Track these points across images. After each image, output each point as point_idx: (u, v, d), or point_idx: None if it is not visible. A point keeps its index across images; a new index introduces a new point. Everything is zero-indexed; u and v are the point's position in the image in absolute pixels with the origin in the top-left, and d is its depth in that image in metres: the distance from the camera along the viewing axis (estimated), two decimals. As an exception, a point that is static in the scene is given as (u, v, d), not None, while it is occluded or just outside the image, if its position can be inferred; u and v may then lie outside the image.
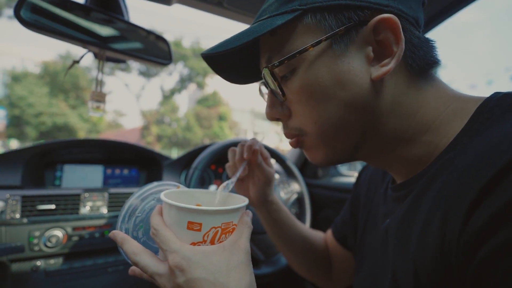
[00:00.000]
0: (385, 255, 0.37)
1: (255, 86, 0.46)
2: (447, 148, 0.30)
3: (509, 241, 0.20)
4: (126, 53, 0.73)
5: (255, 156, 0.49)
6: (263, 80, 0.36)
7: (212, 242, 0.31)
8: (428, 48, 0.32)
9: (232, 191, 0.43)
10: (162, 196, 0.32)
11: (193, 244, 0.31)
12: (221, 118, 16.72)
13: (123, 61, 0.83)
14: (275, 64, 0.32)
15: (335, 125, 0.32)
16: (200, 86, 17.23)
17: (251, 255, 0.33)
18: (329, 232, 0.62)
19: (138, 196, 0.38)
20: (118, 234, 0.34)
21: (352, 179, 1.32)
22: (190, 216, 0.30)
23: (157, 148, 15.73)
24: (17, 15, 0.55)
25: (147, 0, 0.72)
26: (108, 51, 0.71)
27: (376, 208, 0.45)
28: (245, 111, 21.09)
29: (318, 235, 0.63)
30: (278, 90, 0.34)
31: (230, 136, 17.41)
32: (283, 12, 0.31)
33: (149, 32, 0.76)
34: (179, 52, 15.32)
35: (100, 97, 0.72)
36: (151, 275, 0.31)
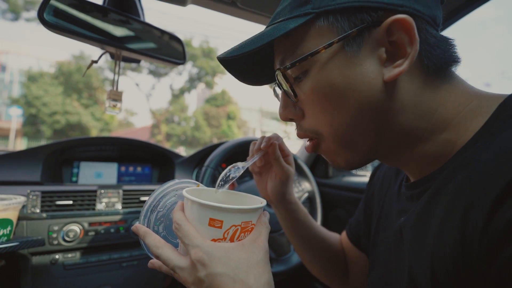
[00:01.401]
0: (399, 254, 0.36)
1: (264, 85, 0.46)
2: (466, 145, 0.29)
3: None
4: (141, 53, 0.74)
5: (272, 149, 0.50)
6: (277, 83, 0.37)
7: (231, 240, 0.32)
8: (446, 47, 0.32)
9: (239, 187, 0.43)
10: (184, 192, 0.34)
11: (214, 240, 0.32)
12: (230, 117, 16.79)
13: (139, 61, 0.85)
14: (288, 66, 0.33)
15: (349, 127, 0.32)
16: (209, 85, 17.34)
17: None
18: (344, 234, 0.62)
19: (160, 193, 0.39)
20: (140, 227, 0.36)
21: (364, 179, 1.30)
22: (212, 213, 0.31)
23: (167, 146, 15.89)
24: (41, 18, 0.57)
25: (162, 1, 0.73)
26: (124, 51, 0.73)
27: (389, 207, 0.45)
28: (254, 110, 21.11)
29: (334, 237, 0.63)
30: (291, 91, 0.34)
31: (238, 135, 17.46)
32: (296, 15, 0.32)
33: (163, 32, 0.78)
34: (189, 52, 15.43)
35: (117, 96, 0.74)
36: (172, 268, 0.32)
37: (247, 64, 0.40)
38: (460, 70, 0.34)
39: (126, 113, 17.05)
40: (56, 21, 0.60)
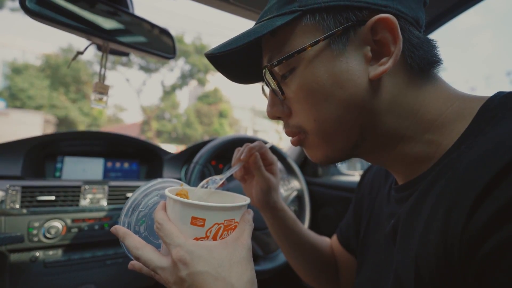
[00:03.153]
0: (389, 257, 0.37)
1: (257, 84, 0.46)
2: (452, 147, 0.30)
3: None
4: (130, 45, 0.72)
5: (253, 159, 0.50)
6: (265, 81, 0.37)
7: (214, 238, 0.32)
8: (428, 48, 0.33)
9: (228, 185, 0.43)
10: (167, 192, 0.33)
11: (196, 239, 0.31)
12: (222, 115, 16.70)
13: (127, 54, 0.83)
14: (274, 64, 0.33)
15: (334, 123, 0.32)
16: (201, 82, 17.19)
17: None
18: (335, 237, 0.62)
19: (142, 192, 0.39)
20: (120, 228, 0.35)
21: (352, 178, 1.32)
22: (194, 212, 0.31)
23: (157, 143, 15.68)
24: (23, 5, 0.55)
25: (152, -7, 0.71)
26: (112, 43, 0.71)
27: (379, 209, 0.45)
28: (246, 109, 21.06)
29: (324, 241, 0.62)
30: (278, 89, 0.34)
31: (230, 134, 17.39)
32: (283, 13, 0.32)
33: (153, 26, 0.76)
34: (181, 48, 15.27)
35: (103, 89, 0.72)
36: (153, 269, 0.31)
37: (235, 62, 0.40)
38: (448, 75, 0.35)
39: (116, 109, 16.71)
40: (39, 9, 0.58)
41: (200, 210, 0.31)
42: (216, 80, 18.27)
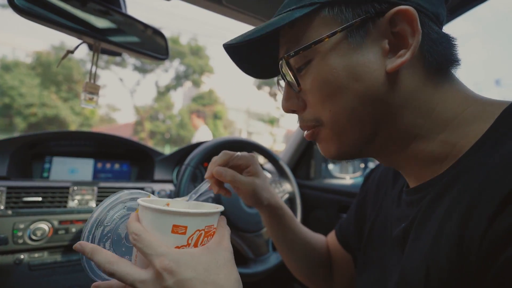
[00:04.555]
0: (396, 259, 0.36)
1: (251, 86, 0.46)
2: (470, 150, 0.29)
3: None
4: (122, 46, 0.72)
5: (218, 175, 0.48)
6: (281, 73, 0.36)
7: (195, 245, 0.32)
8: (448, 45, 0.32)
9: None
10: (141, 202, 0.32)
11: (177, 247, 0.31)
12: (216, 116, 16.66)
13: (119, 54, 0.82)
14: (291, 54, 0.33)
15: (348, 115, 0.32)
16: (196, 84, 17.13)
17: (240, 253, 0.34)
18: (332, 235, 0.62)
19: (107, 206, 0.37)
20: (86, 245, 0.32)
21: (343, 181, 1.33)
22: (176, 219, 0.30)
23: (150, 144, 15.55)
24: (11, 2, 0.54)
25: (146, -7, 0.71)
26: (104, 43, 0.70)
27: (386, 211, 0.45)
28: (241, 111, 21.07)
29: (320, 239, 0.62)
30: (294, 81, 0.34)
31: (224, 135, 17.34)
32: (302, 5, 0.32)
33: (146, 26, 0.76)
34: (176, 49, 15.20)
35: (93, 89, 0.71)
36: (132, 283, 0.29)
37: (252, 54, 0.39)
38: None
39: (109, 109, 16.49)
40: (28, 6, 0.57)
41: (182, 217, 0.30)
42: (211, 81, 18.23)
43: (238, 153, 0.52)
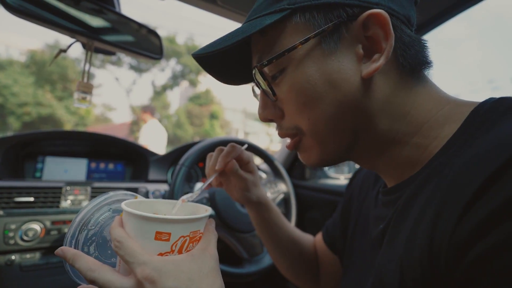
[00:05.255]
0: (373, 260, 0.36)
1: (248, 86, 0.46)
2: (440, 151, 0.30)
3: (506, 240, 0.20)
4: (115, 45, 0.71)
5: (230, 167, 0.49)
6: (255, 82, 0.36)
7: (180, 252, 0.31)
8: (420, 48, 0.32)
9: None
10: (124, 206, 0.31)
11: (161, 254, 0.30)
12: (213, 116, 16.61)
13: (113, 53, 0.81)
14: (264, 63, 0.32)
15: (328, 123, 0.32)
16: (193, 83, 17.07)
17: (235, 253, 0.33)
18: (319, 236, 0.62)
19: (92, 208, 0.35)
20: (68, 250, 0.31)
21: (338, 182, 1.34)
22: (159, 226, 0.29)
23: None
24: (2, 0, 0.53)
25: (140, -8, 0.70)
26: (97, 42, 0.69)
27: (367, 212, 0.45)
28: (237, 111, 21.04)
29: (308, 239, 0.62)
30: (269, 90, 0.34)
31: (221, 135, 17.33)
32: (272, 11, 0.31)
33: (140, 25, 0.75)
34: (173, 48, 15.14)
35: (87, 88, 0.70)
36: None
37: (224, 62, 0.39)
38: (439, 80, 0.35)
39: (104, 108, 16.35)
40: (20, 4, 0.56)
41: (166, 224, 0.29)
42: (208, 81, 18.19)
43: (241, 147, 0.52)
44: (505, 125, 0.26)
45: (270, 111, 0.36)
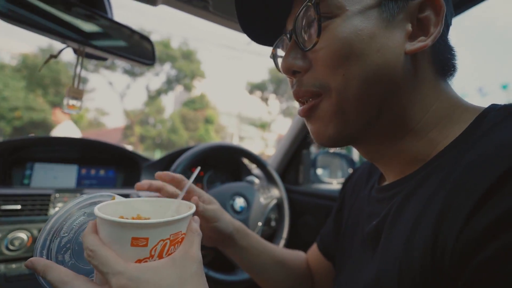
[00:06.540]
0: (366, 258, 0.36)
1: (243, 91, 0.44)
2: (443, 151, 0.30)
3: (506, 249, 0.20)
4: (107, 50, 0.71)
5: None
6: (293, 27, 0.34)
7: (160, 256, 0.29)
8: (452, 52, 0.34)
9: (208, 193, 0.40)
10: (96, 211, 0.28)
11: (139, 261, 0.28)
12: (208, 121, 16.58)
13: (105, 59, 0.81)
14: None
15: (361, 85, 0.30)
16: (188, 88, 17.06)
17: (227, 260, 0.31)
18: (313, 248, 0.60)
19: (64, 213, 0.33)
20: (38, 261, 0.28)
21: (331, 186, 1.34)
22: (135, 232, 0.27)
23: (140, 149, 15.32)
24: (-10, 5, 0.53)
25: (133, -1, 0.70)
26: (88, 48, 0.69)
27: (359, 211, 0.45)
28: (232, 115, 21.05)
29: (298, 257, 0.59)
30: (313, 31, 0.32)
31: (216, 140, 17.29)
32: None
33: (133, 31, 0.75)
34: (167, 53, 15.13)
35: (77, 94, 0.70)
36: None
37: (260, 8, 0.37)
38: None
39: (97, 113, 16.18)
40: (9, 9, 0.56)
41: (142, 229, 0.27)
42: (203, 86, 18.20)
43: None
44: (507, 129, 0.26)
45: (297, 61, 0.34)
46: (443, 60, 0.33)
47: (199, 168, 0.45)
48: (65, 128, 3.02)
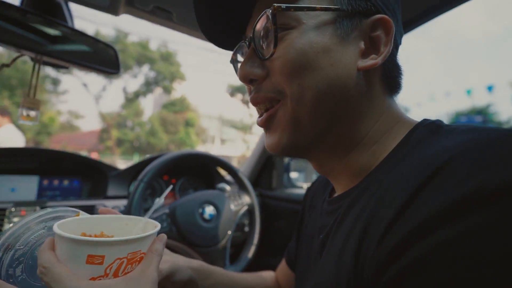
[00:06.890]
0: (313, 271, 0.37)
1: (224, 93, 0.44)
2: (380, 163, 0.32)
3: (417, 261, 0.21)
4: (66, 60, 0.69)
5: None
6: (251, 35, 0.35)
7: (115, 275, 0.28)
8: (399, 71, 0.36)
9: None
10: (55, 228, 0.28)
11: (93, 279, 0.27)
12: (188, 123, 16.31)
13: (65, 67, 0.78)
14: (282, 7, 0.31)
15: (315, 95, 0.32)
16: (167, 90, 16.69)
17: (214, 263, 0.30)
18: (283, 262, 0.61)
19: (21, 227, 0.32)
20: None
21: (304, 191, 1.37)
22: (91, 249, 0.27)
23: (118, 152, 14.75)
24: None
25: (94, 8, 0.69)
26: (46, 57, 0.67)
27: (313, 223, 0.46)
28: (214, 118, 20.87)
29: (266, 280, 0.60)
30: (270, 41, 0.32)
31: (197, 143, 17.02)
32: None
33: (94, 39, 0.74)
34: (146, 55, 14.75)
35: (33, 105, 0.67)
36: None
37: (219, 14, 0.38)
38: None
39: (71, 115, 15.37)
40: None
41: (98, 247, 0.27)
42: (183, 88, 17.91)
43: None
44: (431, 145, 0.27)
45: (255, 69, 0.35)
46: (391, 78, 0.35)
47: (171, 187, 0.45)
48: (5, 132, 2.63)
